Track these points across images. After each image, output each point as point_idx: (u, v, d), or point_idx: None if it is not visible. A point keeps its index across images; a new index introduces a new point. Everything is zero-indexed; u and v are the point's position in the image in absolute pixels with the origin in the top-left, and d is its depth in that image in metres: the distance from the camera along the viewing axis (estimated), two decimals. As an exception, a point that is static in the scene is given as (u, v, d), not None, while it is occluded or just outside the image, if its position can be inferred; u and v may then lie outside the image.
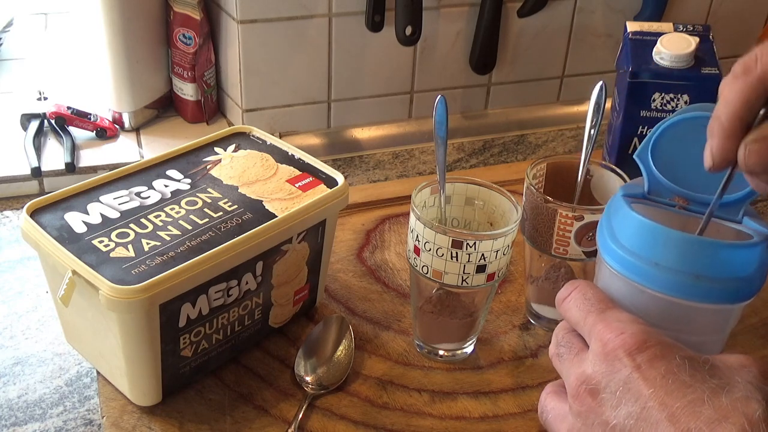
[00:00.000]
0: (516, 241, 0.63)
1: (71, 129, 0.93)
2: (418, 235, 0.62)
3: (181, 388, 0.63)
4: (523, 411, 0.63)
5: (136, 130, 0.97)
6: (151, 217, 0.61)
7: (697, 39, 0.78)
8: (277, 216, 0.62)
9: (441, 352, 0.68)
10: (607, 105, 0.71)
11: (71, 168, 0.88)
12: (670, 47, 0.77)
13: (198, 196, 0.64)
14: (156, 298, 0.54)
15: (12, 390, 0.64)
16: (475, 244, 0.60)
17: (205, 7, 0.93)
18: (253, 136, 0.72)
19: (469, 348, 0.68)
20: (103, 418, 0.61)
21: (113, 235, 0.58)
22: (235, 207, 0.63)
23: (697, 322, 0.52)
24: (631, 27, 0.82)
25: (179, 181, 0.65)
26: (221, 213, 0.62)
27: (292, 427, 0.60)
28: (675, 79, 0.77)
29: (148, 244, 0.58)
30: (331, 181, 0.66)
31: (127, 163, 0.67)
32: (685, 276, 0.49)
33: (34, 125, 0.92)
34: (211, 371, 0.65)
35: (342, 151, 0.99)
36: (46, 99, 0.97)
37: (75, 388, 0.65)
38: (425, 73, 1.00)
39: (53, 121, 0.93)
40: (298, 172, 0.67)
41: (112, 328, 0.57)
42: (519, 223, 0.62)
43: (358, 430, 0.61)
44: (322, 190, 0.65)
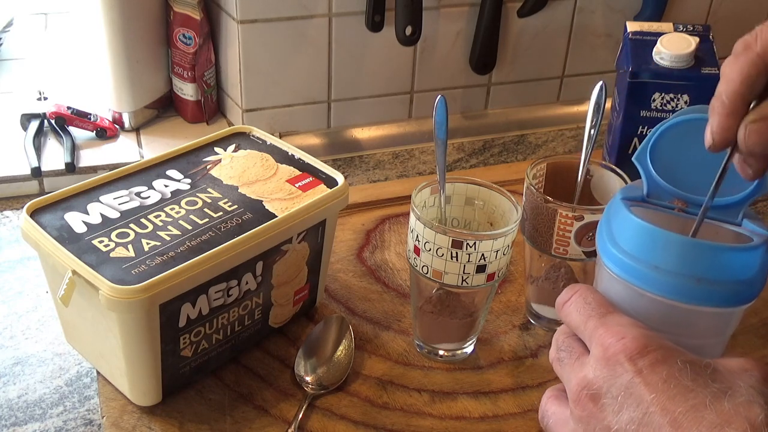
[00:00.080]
0: (516, 241, 0.63)
1: (71, 129, 0.93)
2: (418, 235, 0.62)
3: (181, 388, 0.63)
4: (523, 411, 0.63)
5: (136, 130, 0.97)
6: (151, 217, 0.61)
7: (697, 39, 0.78)
8: (277, 216, 0.62)
9: (441, 352, 0.68)
10: (607, 105, 0.71)
11: (71, 168, 0.88)
12: (670, 47, 0.77)
13: (198, 196, 0.64)
14: (156, 298, 0.54)
15: (12, 390, 0.64)
16: (475, 244, 0.60)
17: (205, 7, 0.93)
18: (253, 136, 0.72)
19: (469, 348, 0.68)
20: (103, 418, 0.61)
21: (113, 235, 0.58)
22: (235, 207, 0.63)
23: (698, 326, 0.51)
24: (631, 27, 0.82)
25: (179, 181, 0.65)
26: (221, 213, 0.62)
27: (292, 427, 0.60)
28: (675, 79, 0.77)
29: (148, 244, 0.58)
30: (331, 181, 0.66)
31: (127, 163, 0.67)
32: (685, 279, 0.49)
33: (34, 125, 0.92)
34: (211, 371, 0.65)
35: (342, 151, 0.99)
36: (46, 99, 0.97)
37: (75, 388, 0.65)
38: (425, 73, 1.00)
39: (53, 121, 0.93)
40: (298, 172, 0.67)
41: (112, 328, 0.57)
42: (519, 223, 0.62)
43: (358, 430, 0.61)
44: (322, 190, 0.65)
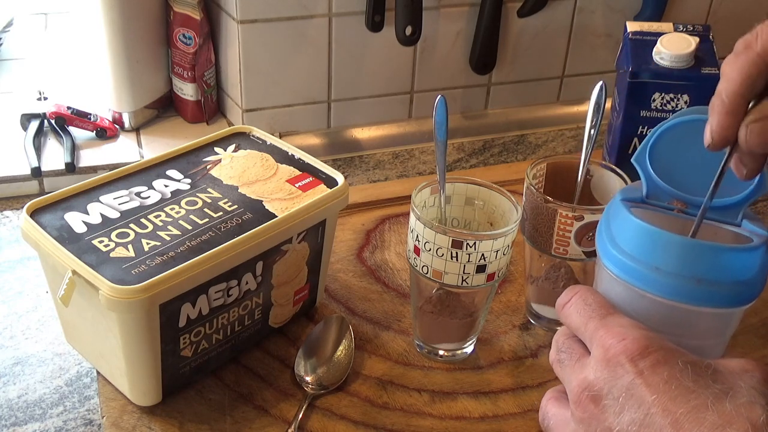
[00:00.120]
0: (516, 241, 0.63)
1: (71, 129, 0.93)
2: (418, 235, 0.62)
3: (181, 388, 0.63)
4: (523, 411, 0.63)
5: (136, 130, 0.97)
6: (151, 217, 0.61)
7: (697, 39, 0.78)
8: (277, 216, 0.62)
9: (441, 352, 0.68)
10: (607, 105, 0.71)
11: (71, 168, 0.88)
12: (670, 47, 0.77)
13: (198, 196, 0.64)
14: (156, 298, 0.54)
15: (12, 390, 0.64)
16: (475, 244, 0.60)
17: (205, 7, 0.93)
18: (253, 136, 0.72)
19: (469, 348, 0.68)
20: (103, 418, 0.61)
21: (113, 235, 0.58)
22: (235, 207, 0.63)
23: (699, 326, 0.51)
24: (631, 27, 0.82)
25: (179, 181, 0.65)
26: (221, 213, 0.62)
27: (292, 427, 0.60)
28: (675, 79, 0.77)
29: (148, 244, 0.58)
30: (331, 181, 0.66)
31: (127, 163, 0.67)
32: (685, 280, 0.49)
33: (34, 125, 0.92)
34: (211, 371, 0.65)
35: (342, 151, 0.99)
36: (46, 99, 0.97)
37: (75, 388, 0.65)
38: (425, 73, 1.00)
39: (53, 121, 0.93)
40: (298, 172, 0.67)
41: (112, 328, 0.57)
42: (519, 223, 0.62)
43: (358, 430, 0.61)
44: (322, 190, 0.65)
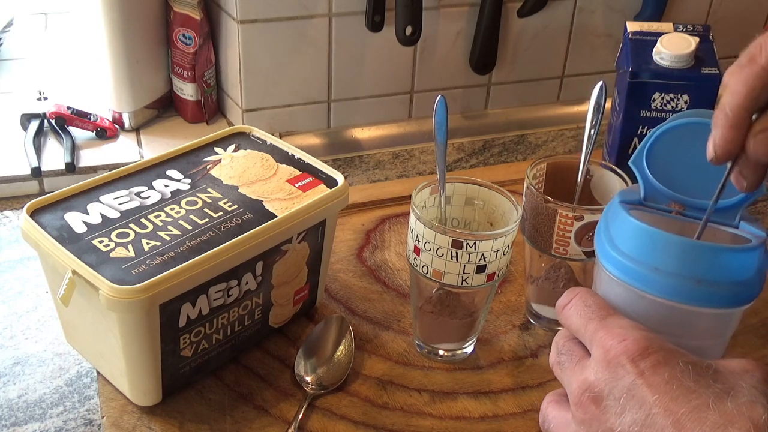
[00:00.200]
0: (516, 241, 0.63)
1: (71, 129, 0.93)
2: (418, 235, 0.62)
3: (181, 388, 0.63)
4: (523, 411, 0.63)
5: (136, 130, 0.97)
6: (151, 217, 0.61)
7: (697, 39, 0.78)
8: (277, 216, 0.62)
9: (441, 352, 0.68)
10: (607, 105, 0.71)
11: (71, 168, 0.88)
12: (670, 47, 0.77)
13: (198, 196, 0.64)
14: (156, 298, 0.54)
15: (12, 390, 0.64)
16: (475, 244, 0.60)
17: (205, 7, 0.93)
18: (253, 136, 0.72)
19: (469, 348, 0.68)
20: (103, 418, 0.61)
21: (113, 235, 0.58)
22: (235, 207, 0.63)
23: (698, 327, 0.51)
24: (631, 27, 0.82)
25: (179, 181, 0.65)
26: (221, 213, 0.62)
27: (292, 427, 0.60)
28: (675, 79, 0.77)
29: (148, 244, 0.58)
30: (331, 181, 0.66)
31: (127, 163, 0.67)
32: (685, 280, 0.49)
33: (34, 125, 0.92)
34: (211, 371, 0.65)
35: (342, 151, 0.99)
36: (46, 99, 0.97)
37: (75, 388, 0.65)
38: (425, 73, 1.00)
39: (53, 121, 0.93)
40: (298, 172, 0.67)
41: (112, 328, 0.57)
42: (519, 223, 0.62)
43: (358, 430, 0.61)
44: (322, 190, 0.65)
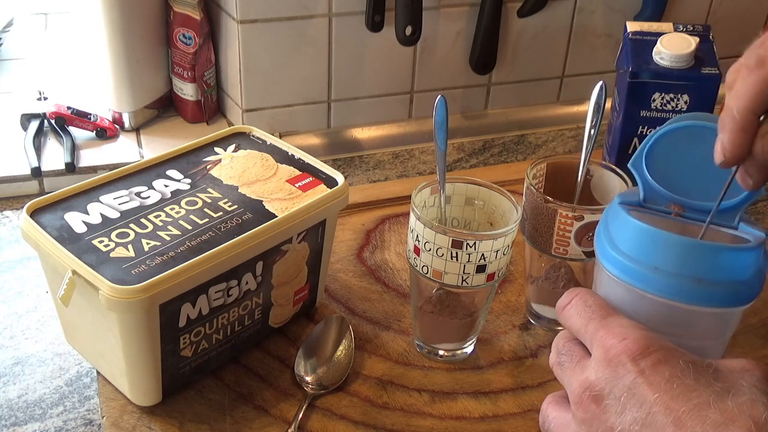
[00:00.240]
0: (516, 241, 0.63)
1: (71, 129, 0.93)
2: (418, 235, 0.62)
3: (181, 388, 0.63)
4: (523, 411, 0.63)
5: (136, 130, 0.97)
6: (151, 217, 0.61)
7: (697, 39, 0.78)
8: (277, 216, 0.62)
9: (441, 352, 0.68)
10: (607, 105, 0.71)
11: (71, 168, 0.88)
12: (670, 47, 0.77)
13: (198, 196, 0.64)
14: (156, 298, 0.54)
15: (12, 390, 0.64)
16: (475, 244, 0.60)
17: (205, 7, 0.93)
18: (253, 136, 0.72)
19: (469, 348, 0.68)
20: (103, 418, 0.61)
21: (113, 235, 0.58)
22: (235, 207, 0.63)
23: (698, 327, 0.51)
24: (631, 27, 0.82)
25: (179, 181, 0.65)
26: (221, 213, 0.62)
27: (292, 427, 0.60)
28: (675, 79, 0.77)
29: (148, 244, 0.58)
30: (331, 181, 0.66)
31: (127, 163, 0.67)
32: (685, 280, 0.49)
33: (34, 125, 0.92)
34: (211, 371, 0.65)
35: (342, 151, 0.99)
36: (46, 99, 0.97)
37: (75, 388, 0.65)
38: (425, 73, 1.00)
39: (53, 121, 0.93)
40: (298, 172, 0.67)
41: (112, 328, 0.57)
42: (519, 223, 0.62)
43: (358, 430, 0.61)
44: (322, 190, 0.65)
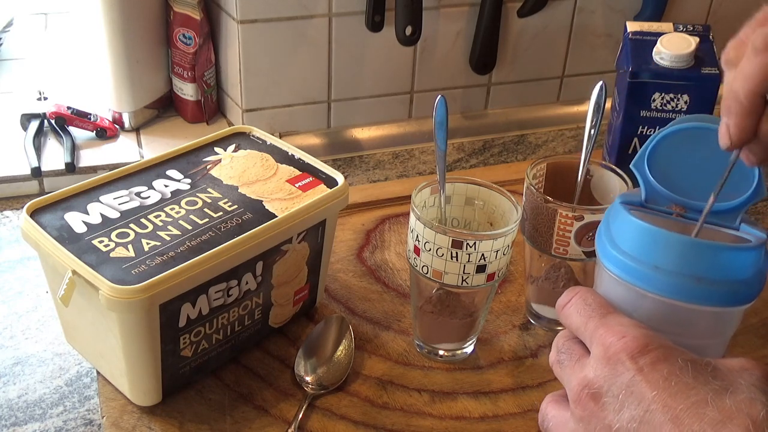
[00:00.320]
0: (516, 241, 0.63)
1: (71, 129, 0.93)
2: (418, 235, 0.62)
3: (181, 388, 0.63)
4: (523, 411, 0.63)
5: (136, 130, 0.97)
6: (151, 217, 0.61)
7: (697, 39, 0.78)
8: (277, 216, 0.62)
9: (441, 352, 0.68)
10: (607, 105, 0.71)
11: (71, 168, 0.88)
12: (670, 47, 0.77)
13: (198, 196, 0.64)
14: (156, 298, 0.54)
15: (12, 390, 0.64)
16: (475, 244, 0.60)
17: (205, 7, 0.93)
18: (253, 136, 0.72)
19: (469, 348, 0.68)
20: (103, 418, 0.61)
21: (113, 235, 0.58)
22: (235, 207, 0.63)
23: (698, 326, 0.52)
24: (631, 27, 0.82)
25: (179, 181, 0.65)
26: (221, 213, 0.62)
27: (292, 427, 0.60)
28: (675, 79, 0.77)
29: (148, 244, 0.58)
30: (331, 181, 0.66)
31: (127, 163, 0.67)
32: (685, 279, 0.49)
33: (34, 125, 0.92)
34: (211, 371, 0.65)
35: (342, 151, 0.99)
36: (46, 99, 0.97)
37: (75, 388, 0.65)
38: (425, 73, 1.00)
39: (53, 121, 0.93)
40: (298, 172, 0.67)
41: (112, 328, 0.57)
42: (519, 223, 0.62)
43: (358, 430, 0.61)
44: (322, 190, 0.65)
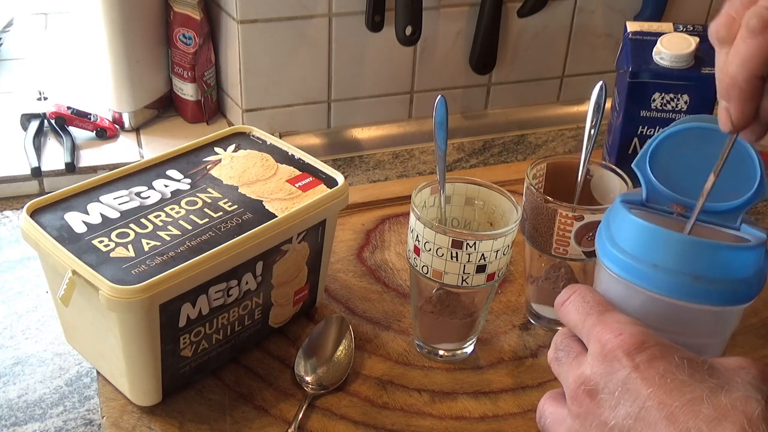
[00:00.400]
0: (516, 241, 0.63)
1: (71, 129, 0.93)
2: (418, 235, 0.62)
3: (181, 388, 0.63)
4: (523, 411, 0.63)
5: (136, 130, 0.97)
6: (151, 217, 0.61)
7: (697, 39, 0.78)
8: (277, 216, 0.62)
9: (441, 352, 0.68)
10: (607, 105, 0.71)
11: (71, 168, 0.88)
12: (670, 47, 0.77)
13: (198, 196, 0.64)
14: (156, 298, 0.54)
15: (12, 390, 0.64)
16: (475, 244, 0.60)
17: (205, 7, 0.93)
18: (253, 136, 0.72)
19: (469, 348, 0.68)
20: (103, 418, 0.61)
21: (113, 235, 0.58)
22: (235, 207, 0.63)
23: (697, 325, 0.52)
24: (631, 27, 0.82)
25: (179, 181, 0.65)
26: (221, 213, 0.62)
27: (292, 427, 0.60)
28: (675, 79, 0.77)
29: (148, 244, 0.58)
30: (331, 181, 0.66)
31: (127, 163, 0.67)
32: (684, 277, 0.49)
33: (34, 125, 0.92)
34: (211, 371, 0.65)
35: (342, 151, 0.99)
36: (46, 99, 0.97)
37: (75, 388, 0.65)
38: (425, 73, 1.00)
39: (53, 121, 0.93)
40: (298, 172, 0.67)
41: (112, 328, 0.57)
42: (519, 223, 0.62)
43: (358, 430, 0.61)
44: (322, 190, 0.65)
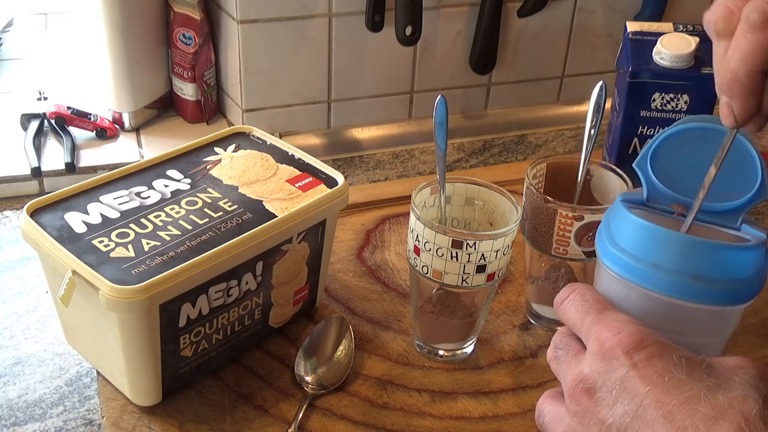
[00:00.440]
0: (516, 241, 0.63)
1: (71, 129, 0.93)
2: (418, 235, 0.62)
3: (181, 388, 0.63)
4: (523, 411, 0.63)
5: (136, 130, 0.97)
6: (151, 217, 0.61)
7: (697, 39, 0.78)
8: (277, 216, 0.62)
9: (441, 352, 0.68)
10: (607, 105, 0.71)
11: (71, 168, 0.88)
12: (670, 47, 0.77)
13: (198, 196, 0.64)
14: (156, 298, 0.54)
15: (12, 390, 0.64)
16: (475, 244, 0.60)
17: (205, 7, 0.93)
18: (253, 136, 0.72)
19: (469, 348, 0.68)
20: (103, 418, 0.61)
21: (113, 235, 0.58)
22: (235, 207, 0.63)
23: (696, 324, 0.52)
24: (631, 27, 0.82)
25: (179, 181, 0.65)
26: (221, 213, 0.62)
27: (292, 427, 0.60)
28: (675, 79, 0.77)
29: (148, 244, 0.58)
30: (331, 181, 0.66)
31: (127, 163, 0.67)
32: (683, 277, 0.49)
33: (34, 125, 0.92)
34: (211, 371, 0.65)
35: (342, 151, 0.99)
36: (46, 99, 0.97)
37: (75, 388, 0.65)
38: (425, 73, 1.00)
39: (53, 121, 0.93)
40: (298, 172, 0.67)
41: (112, 328, 0.57)
42: (519, 223, 0.62)
43: (358, 430, 0.61)
44: (322, 190, 0.65)
